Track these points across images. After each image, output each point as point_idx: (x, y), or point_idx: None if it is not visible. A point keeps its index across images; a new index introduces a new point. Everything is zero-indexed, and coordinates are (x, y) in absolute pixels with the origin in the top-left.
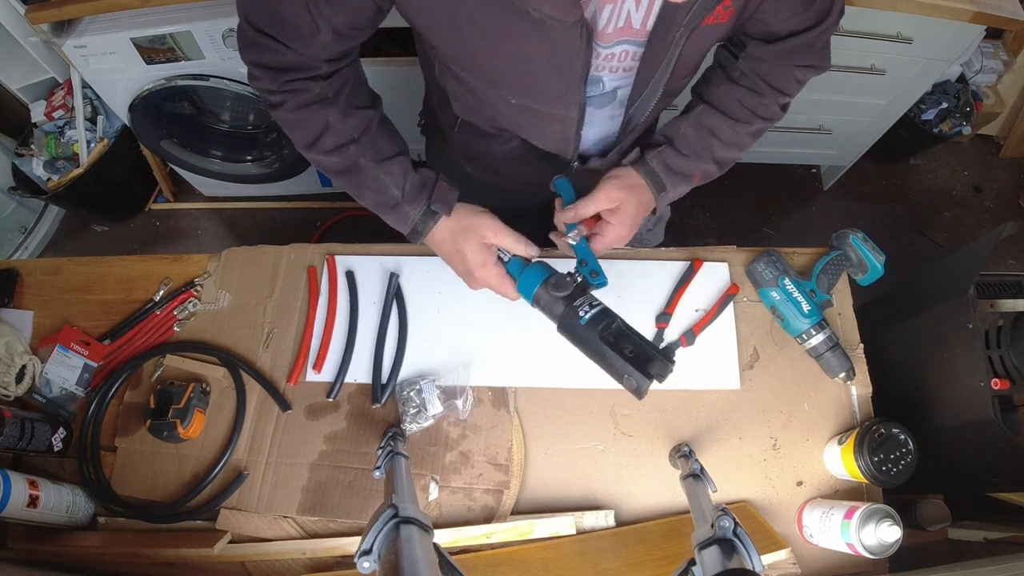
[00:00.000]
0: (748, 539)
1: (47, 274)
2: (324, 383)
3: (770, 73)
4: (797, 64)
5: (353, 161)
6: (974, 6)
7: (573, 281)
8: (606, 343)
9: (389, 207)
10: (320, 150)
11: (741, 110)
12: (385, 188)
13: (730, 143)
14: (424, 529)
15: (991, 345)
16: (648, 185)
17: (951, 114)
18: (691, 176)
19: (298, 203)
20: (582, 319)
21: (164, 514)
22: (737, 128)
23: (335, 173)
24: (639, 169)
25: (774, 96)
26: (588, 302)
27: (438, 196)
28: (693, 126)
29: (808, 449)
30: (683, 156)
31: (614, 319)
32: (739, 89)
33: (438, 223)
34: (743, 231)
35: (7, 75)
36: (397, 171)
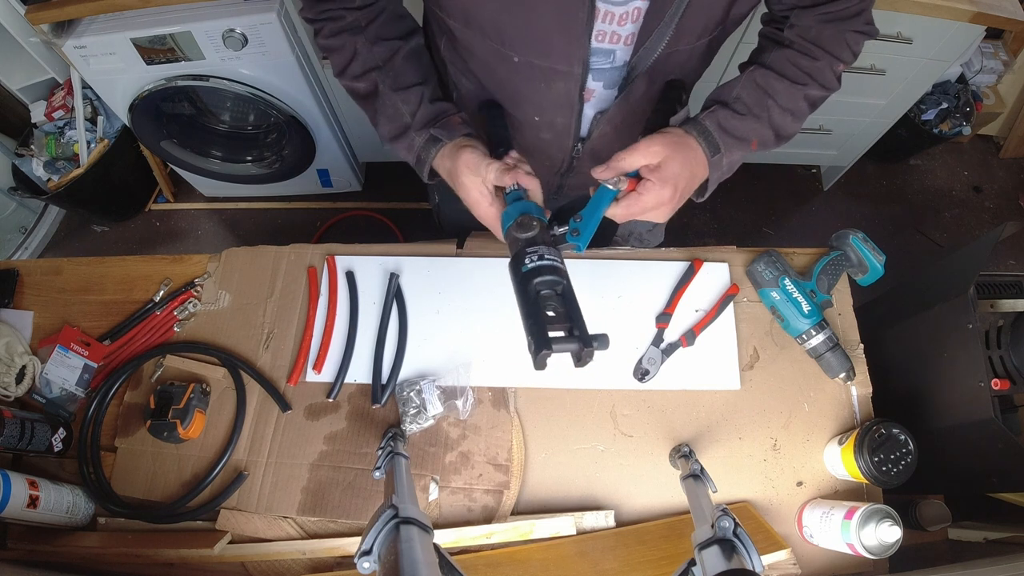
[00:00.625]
0: (748, 539)
1: (47, 274)
2: (324, 383)
3: (821, 36)
4: (848, 29)
5: (374, 86)
6: (974, 6)
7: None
8: (528, 299)
9: (399, 133)
10: (349, 75)
11: (795, 71)
12: (400, 115)
13: (786, 108)
14: (424, 529)
15: (991, 345)
16: (700, 145)
17: (951, 114)
18: (748, 141)
19: (298, 203)
20: (525, 266)
21: (164, 514)
22: (793, 91)
23: (361, 98)
24: (690, 129)
25: (828, 60)
26: (543, 253)
27: (445, 125)
28: (747, 87)
29: (808, 449)
30: (739, 115)
31: (558, 281)
32: (792, 52)
33: (440, 151)
34: (743, 231)
35: (7, 75)
36: (413, 99)
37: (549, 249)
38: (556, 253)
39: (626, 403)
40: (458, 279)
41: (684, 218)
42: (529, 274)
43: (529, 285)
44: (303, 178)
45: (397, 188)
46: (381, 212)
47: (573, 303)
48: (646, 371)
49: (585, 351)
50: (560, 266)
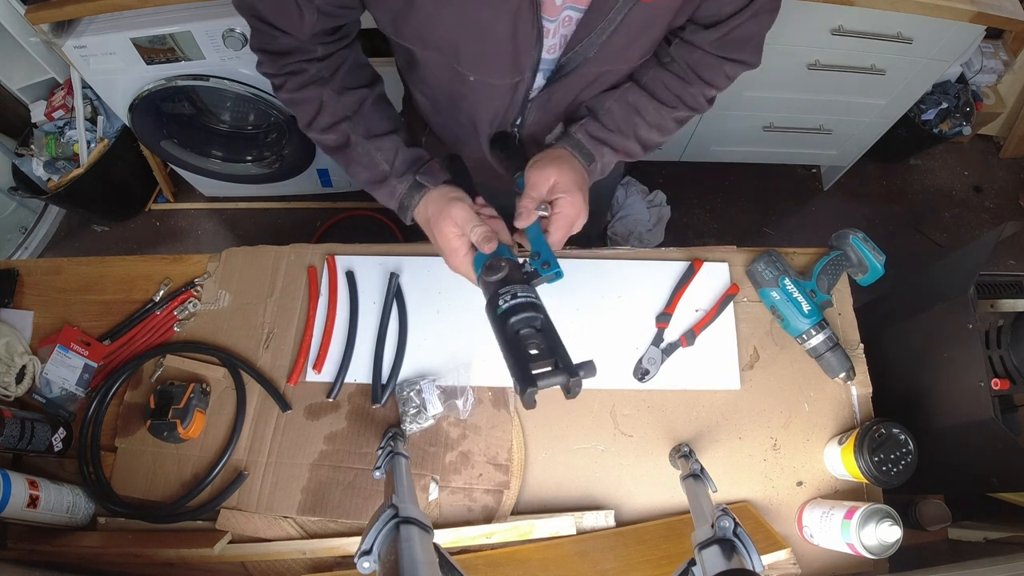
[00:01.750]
0: (748, 539)
1: (47, 274)
2: (324, 383)
3: (700, 63)
4: (729, 58)
5: (346, 138)
6: (974, 6)
7: (515, 268)
8: (507, 339)
9: (378, 181)
10: (317, 128)
11: (667, 94)
12: (376, 164)
13: (653, 125)
14: (424, 529)
15: (991, 345)
16: (575, 156)
17: (951, 114)
18: (616, 150)
19: (298, 203)
20: (499, 308)
21: (164, 514)
22: (662, 111)
23: (331, 150)
24: (564, 144)
25: (700, 87)
26: (515, 292)
27: (427, 171)
28: (618, 102)
29: (808, 449)
30: (607, 130)
31: (535, 317)
32: (667, 74)
33: (424, 198)
34: (743, 231)
35: (7, 75)
36: (388, 147)
37: (522, 287)
38: (530, 290)
39: (626, 403)
40: (458, 279)
41: (684, 218)
42: (505, 315)
43: (507, 325)
44: (303, 178)
45: None
46: (381, 212)
47: (554, 336)
48: (646, 371)
49: (572, 381)
50: (535, 301)
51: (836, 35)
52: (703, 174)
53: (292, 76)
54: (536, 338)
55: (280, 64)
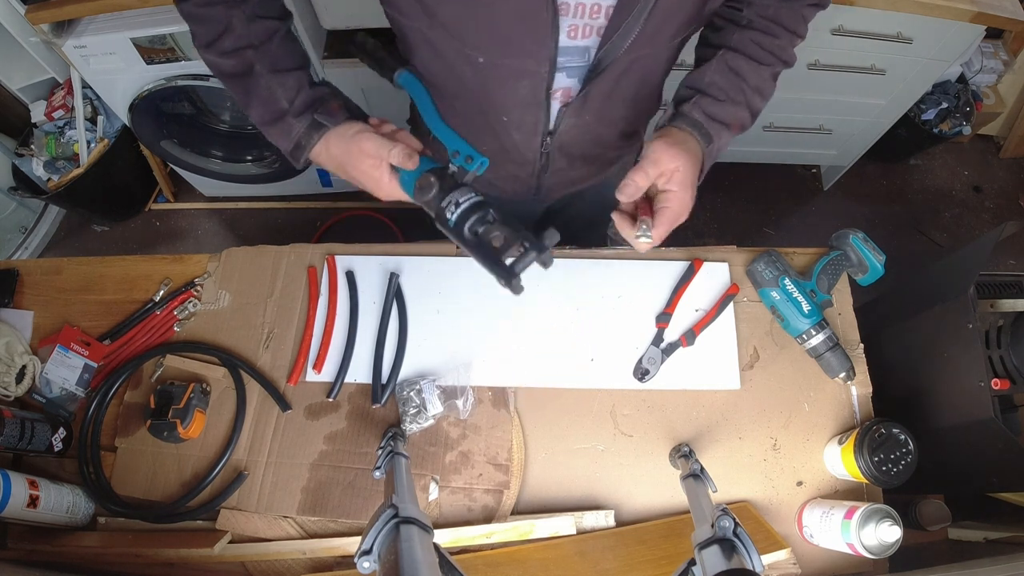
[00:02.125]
0: (748, 539)
1: (47, 274)
2: (324, 383)
3: (778, 14)
4: (804, 4)
5: (248, 66)
6: (974, 6)
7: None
8: (471, 244)
9: (274, 119)
10: (217, 51)
11: (759, 51)
12: (276, 100)
13: (755, 88)
14: (424, 529)
15: (991, 345)
16: (695, 137)
17: (951, 114)
18: (731, 125)
19: (298, 203)
20: (450, 221)
21: (164, 514)
22: (760, 71)
23: (228, 76)
24: (681, 123)
25: (787, 37)
26: (456, 199)
27: (326, 111)
28: (718, 71)
29: (808, 449)
30: (719, 102)
31: (485, 213)
32: (752, 32)
33: (322, 139)
34: (743, 231)
35: (7, 75)
36: (291, 84)
37: (459, 191)
38: (467, 190)
39: (626, 403)
40: (458, 279)
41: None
42: (458, 225)
43: (463, 232)
44: (303, 178)
45: None
46: (381, 212)
47: (511, 222)
48: (646, 371)
49: (544, 255)
50: (478, 199)
51: (836, 35)
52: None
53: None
54: (495, 230)
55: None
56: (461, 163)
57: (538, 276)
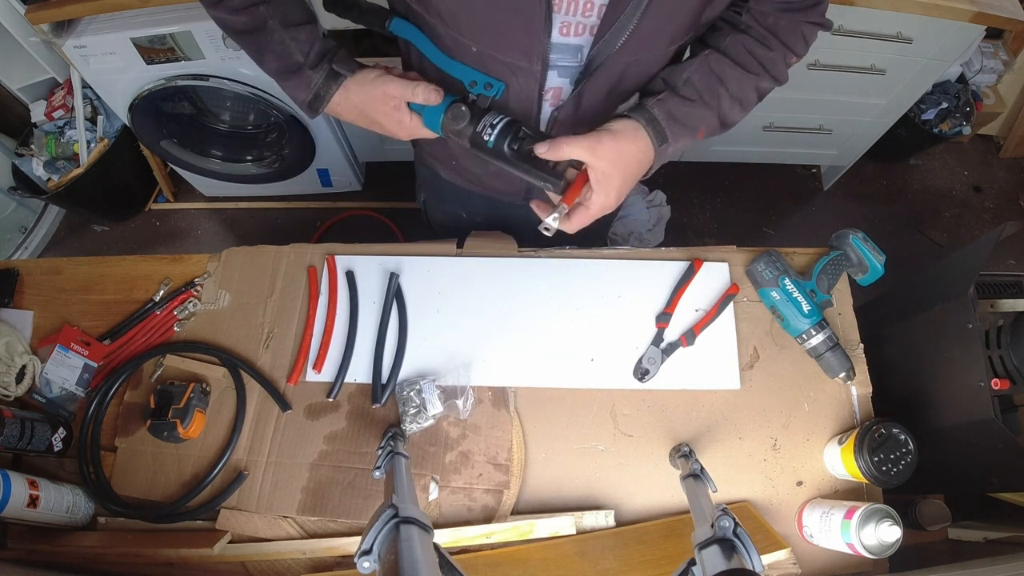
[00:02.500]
0: (748, 539)
1: (47, 274)
2: (324, 383)
3: (778, 26)
4: (804, 20)
5: (261, 22)
6: (974, 6)
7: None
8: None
9: (291, 72)
10: (228, 8)
11: (749, 59)
12: (290, 53)
13: (736, 97)
14: (424, 529)
15: (991, 345)
16: (648, 135)
17: (951, 114)
18: (696, 129)
19: (298, 203)
20: (489, 142)
21: (164, 514)
22: (745, 80)
23: (239, 33)
24: (638, 116)
25: (782, 51)
26: (490, 122)
27: (340, 59)
28: (699, 71)
29: (808, 449)
30: (688, 102)
31: (519, 130)
32: (747, 38)
33: (340, 88)
34: (743, 231)
35: (7, 75)
36: (304, 37)
37: (490, 115)
38: (496, 113)
39: (626, 403)
40: (458, 279)
41: (684, 218)
42: (497, 144)
43: (504, 151)
44: (303, 178)
45: (397, 188)
46: (381, 212)
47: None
48: (646, 371)
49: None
50: (509, 118)
51: (836, 35)
52: (703, 174)
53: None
54: (531, 143)
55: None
56: (480, 91)
57: (538, 276)
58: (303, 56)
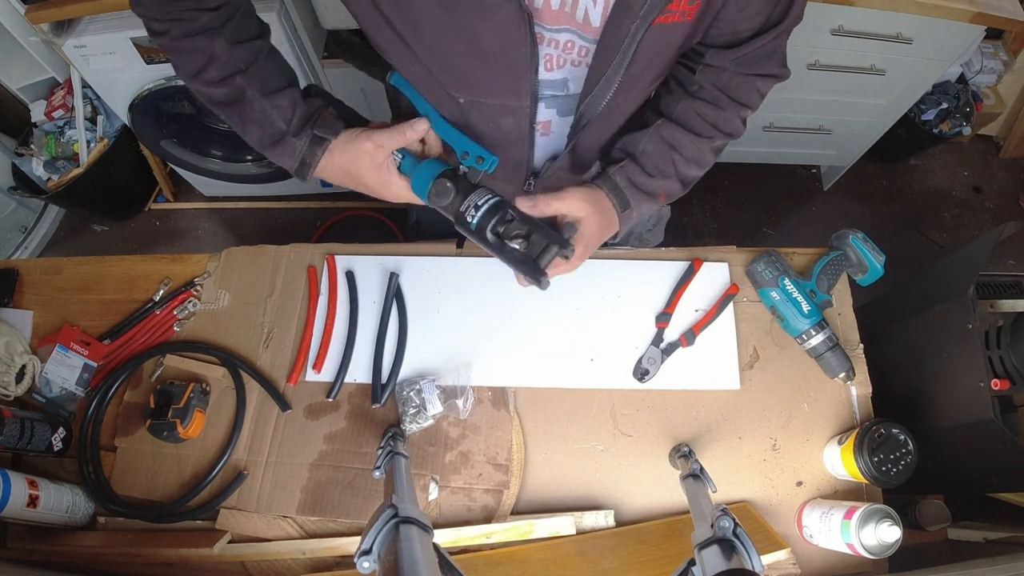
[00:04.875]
0: (748, 539)
1: (47, 274)
2: (324, 383)
3: (730, 84)
4: (758, 74)
5: (240, 93)
6: (974, 6)
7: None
8: (494, 246)
9: (275, 141)
10: (205, 81)
11: (702, 124)
12: (272, 121)
13: (691, 159)
14: (424, 529)
15: (991, 345)
16: (612, 204)
17: (951, 114)
18: (655, 195)
19: (298, 203)
20: (471, 224)
21: (164, 514)
22: (699, 143)
23: (220, 105)
24: (602, 184)
25: (735, 109)
26: (475, 202)
27: (323, 123)
28: (653, 141)
29: (808, 449)
30: (647, 174)
31: (504, 213)
32: (698, 103)
33: (326, 152)
34: (743, 231)
35: (7, 75)
36: (285, 104)
37: (476, 193)
38: (484, 192)
39: (626, 403)
40: (458, 279)
41: (684, 218)
42: (480, 227)
43: (486, 235)
44: None
45: None
46: (381, 212)
47: (530, 221)
48: (646, 371)
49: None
50: (496, 199)
51: (836, 35)
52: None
53: (178, 24)
54: (516, 229)
55: (166, 9)
56: (472, 164)
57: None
58: (286, 123)
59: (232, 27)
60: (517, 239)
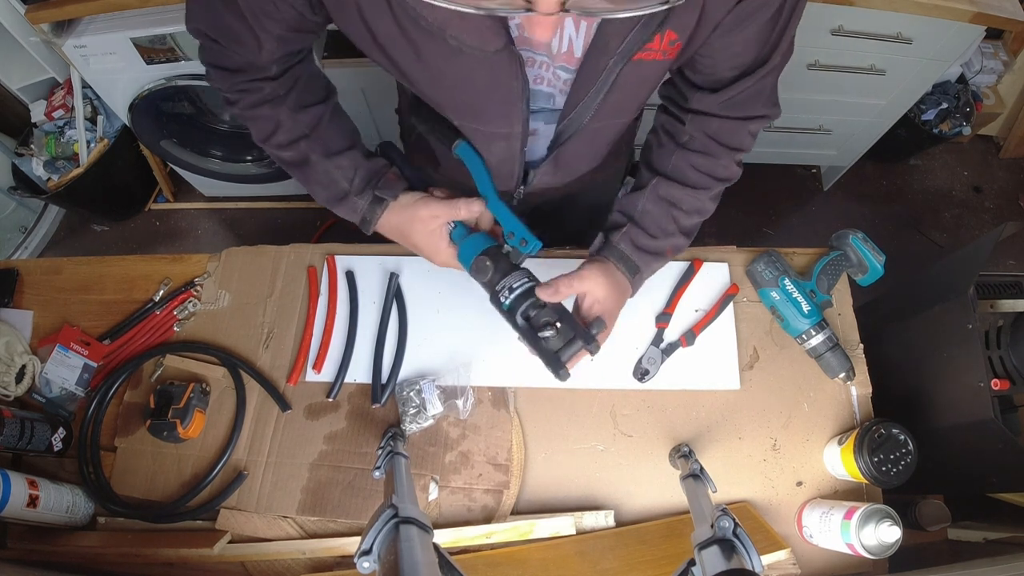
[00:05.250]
0: (748, 539)
1: (47, 274)
2: (324, 383)
3: (720, 132)
4: (747, 116)
5: (304, 156)
6: (974, 6)
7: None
8: (523, 332)
9: (338, 199)
10: (274, 144)
11: (697, 175)
12: (335, 181)
13: (692, 211)
14: (424, 529)
15: (991, 345)
16: (621, 271)
17: (951, 114)
18: (662, 254)
19: (298, 203)
20: (504, 304)
21: (164, 514)
22: (697, 195)
23: (289, 166)
24: (609, 256)
25: (728, 155)
26: (510, 284)
27: (384, 184)
28: (651, 200)
29: (808, 449)
30: (650, 236)
31: (540, 302)
32: (691, 154)
33: (386, 211)
34: (743, 231)
35: (7, 75)
36: (347, 164)
37: (514, 275)
38: (521, 274)
39: (626, 403)
40: (458, 279)
41: None
42: (511, 309)
43: (516, 318)
44: None
45: None
46: None
47: (561, 312)
48: (646, 371)
49: (592, 345)
50: (531, 284)
51: (836, 35)
52: None
53: (246, 94)
54: (546, 316)
55: (233, 81)
56: (516, 244)
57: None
58: (348, 183)
59: (295, 94)
60: (546, 327)
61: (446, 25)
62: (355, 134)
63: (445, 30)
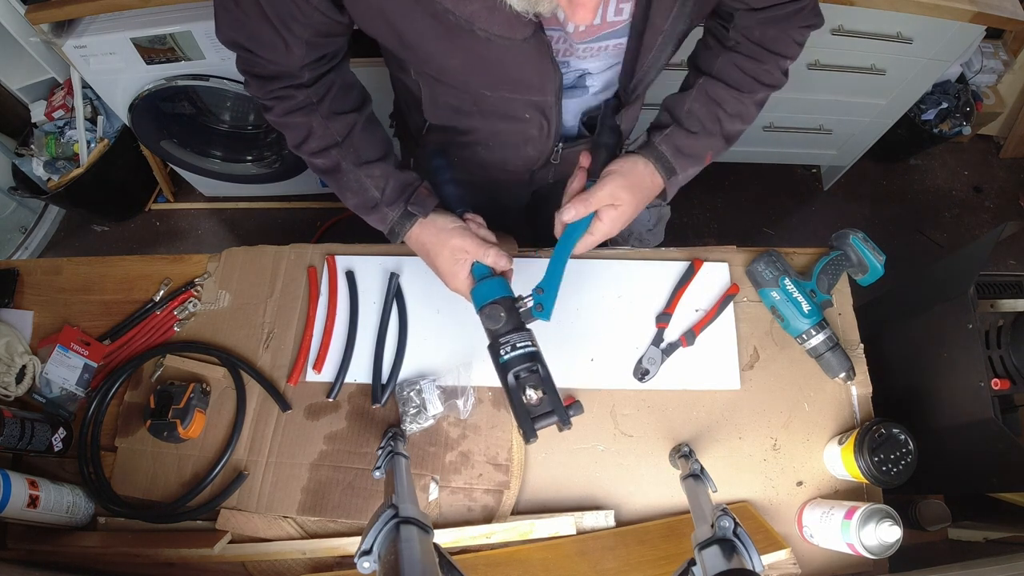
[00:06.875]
0: (748, 539)
1: (47, 274)
2: (324, 383)
3: (765, 37)
4: (790, 27)
5: (336, 163)
6: (974, 6)
7: (511, 312)
8: (509, 387)
9: (369, 208)
10: (307, 151)
11: (744, 78)
12: (366, 190)
13: (735, 114)
14: (424, 529)
15: (991, 345)
16: (657, 170)
17: (951, 114)
18: (702, 156)
19: (298, 203)
20: (501, 357)
21: (164, 514)
22: (742, 98)
23: (322, 172)
24: (647, 154)
25: (775, 61)
26: (515, 342)
27: (417, 199)
28: (698, 100)
29: (808, 449)
30: (692, 135)
31: (533, 364)
32: (737, 56)
33: (415, 225)
34: (743, 231)
35: (7, 75)
36: (378, 174)
37: (520, 335)
38: (527, 337)
39: (626, 403)
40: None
41: (684, 218)
42: (506, 365)
43: (508, 375)
44: (303, 178)
45: None
46: None
47: (549, 383)
48: (646, 371)
49: (566, 426)
50: (532, 350)
51: (836, 35)
52: (703, 174)
53: (280, 101)
54: (533, 381)
55: (267, 89)
56: (534, 301)
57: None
58: (379, 192)
59: (328, 102)
60: (532, 392)
61: (474, 19)
62: (388, 144)
63: (473, 23)
